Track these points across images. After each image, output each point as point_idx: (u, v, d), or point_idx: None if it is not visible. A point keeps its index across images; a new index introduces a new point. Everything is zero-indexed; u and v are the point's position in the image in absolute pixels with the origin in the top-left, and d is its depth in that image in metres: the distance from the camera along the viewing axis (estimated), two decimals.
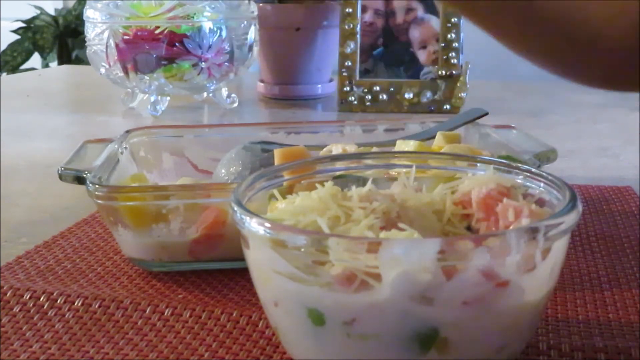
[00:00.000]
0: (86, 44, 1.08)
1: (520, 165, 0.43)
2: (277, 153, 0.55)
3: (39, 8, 2.67)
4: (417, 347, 0.34)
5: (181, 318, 0.44)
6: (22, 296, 0.46)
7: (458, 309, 0.33)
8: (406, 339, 0.34)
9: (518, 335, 0.37)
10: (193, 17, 1.02)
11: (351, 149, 0.59)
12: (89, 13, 1.05)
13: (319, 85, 1.22)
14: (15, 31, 2.60)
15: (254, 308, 0.45)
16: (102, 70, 1.07)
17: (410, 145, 0.58)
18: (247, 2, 1.08)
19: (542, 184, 0.41)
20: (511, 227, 0.37)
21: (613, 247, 0.56)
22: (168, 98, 1.09)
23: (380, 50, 1.12)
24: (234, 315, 0.44)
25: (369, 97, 1.10)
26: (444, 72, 1.09)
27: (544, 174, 0.41)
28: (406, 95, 1.09)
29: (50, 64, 2.58)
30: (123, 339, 0.43)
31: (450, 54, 1.09)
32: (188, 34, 1.02)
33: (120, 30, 1.02)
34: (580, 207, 0.36)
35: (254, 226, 0.35)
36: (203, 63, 1.03)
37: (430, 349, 0.34)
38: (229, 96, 1.13)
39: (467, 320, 0.34)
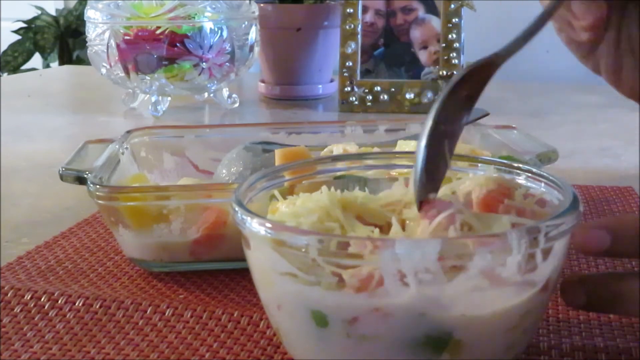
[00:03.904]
0: (87, 44, 1.08)
1: (521, 165, 0.43)
2: (278, 153, 0.55)
3: (39, 8, 2.67)
4: (419, 347, 0.34)
5: (182, 318, 0.44)
6: (23, 296, 0.46)
7: (460, 310, 0.33)
8: (407, 340, 0.34)
9: (520, 335, 0.37)
10: (194, 18, 1.02)
11: (352, 149, 0.59)
12: (90, 13, 1.05)
13: (320, 86, 1.22)
14: (16, 31, 2.59)
15: (255, 308, 0.45)
16: (103, 70, 1.07)
17: (411, 145, 0.58)
18: (248, 2, 1.08)
19: (543, 185, 0.41)
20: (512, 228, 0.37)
21: None
22: (169, 98, 1.09)
23: (381, 51, 1.12)
24: (235, 315, 0.44)
25: (370, 97, 1.10)
26: (445, 73, 1.08)
27: (544, 174, 0.41)
28: (407, 96, 1.09)
29: (51, 64, 2.57)
30: (124, 339, 0.43)
31: (451, 55, 1.09)
32: (189, 34, 1.02)
33: (121, 31, 1.02)
34: (581, 207, 0.36)
35: (255, 227, 0.35)
36: (204, 63, 1.03)
37: (433, 351, 0.34)
38: (230, 96, 1.13)
39: (469, 321, 0.34)
